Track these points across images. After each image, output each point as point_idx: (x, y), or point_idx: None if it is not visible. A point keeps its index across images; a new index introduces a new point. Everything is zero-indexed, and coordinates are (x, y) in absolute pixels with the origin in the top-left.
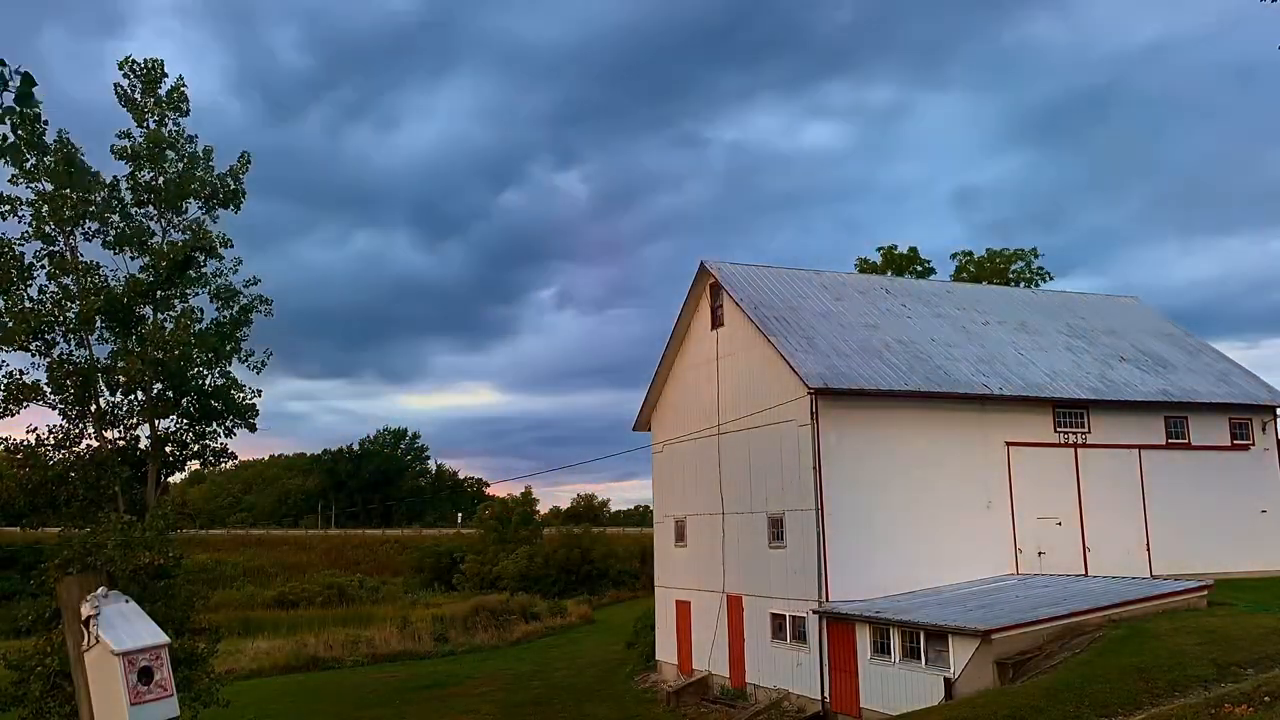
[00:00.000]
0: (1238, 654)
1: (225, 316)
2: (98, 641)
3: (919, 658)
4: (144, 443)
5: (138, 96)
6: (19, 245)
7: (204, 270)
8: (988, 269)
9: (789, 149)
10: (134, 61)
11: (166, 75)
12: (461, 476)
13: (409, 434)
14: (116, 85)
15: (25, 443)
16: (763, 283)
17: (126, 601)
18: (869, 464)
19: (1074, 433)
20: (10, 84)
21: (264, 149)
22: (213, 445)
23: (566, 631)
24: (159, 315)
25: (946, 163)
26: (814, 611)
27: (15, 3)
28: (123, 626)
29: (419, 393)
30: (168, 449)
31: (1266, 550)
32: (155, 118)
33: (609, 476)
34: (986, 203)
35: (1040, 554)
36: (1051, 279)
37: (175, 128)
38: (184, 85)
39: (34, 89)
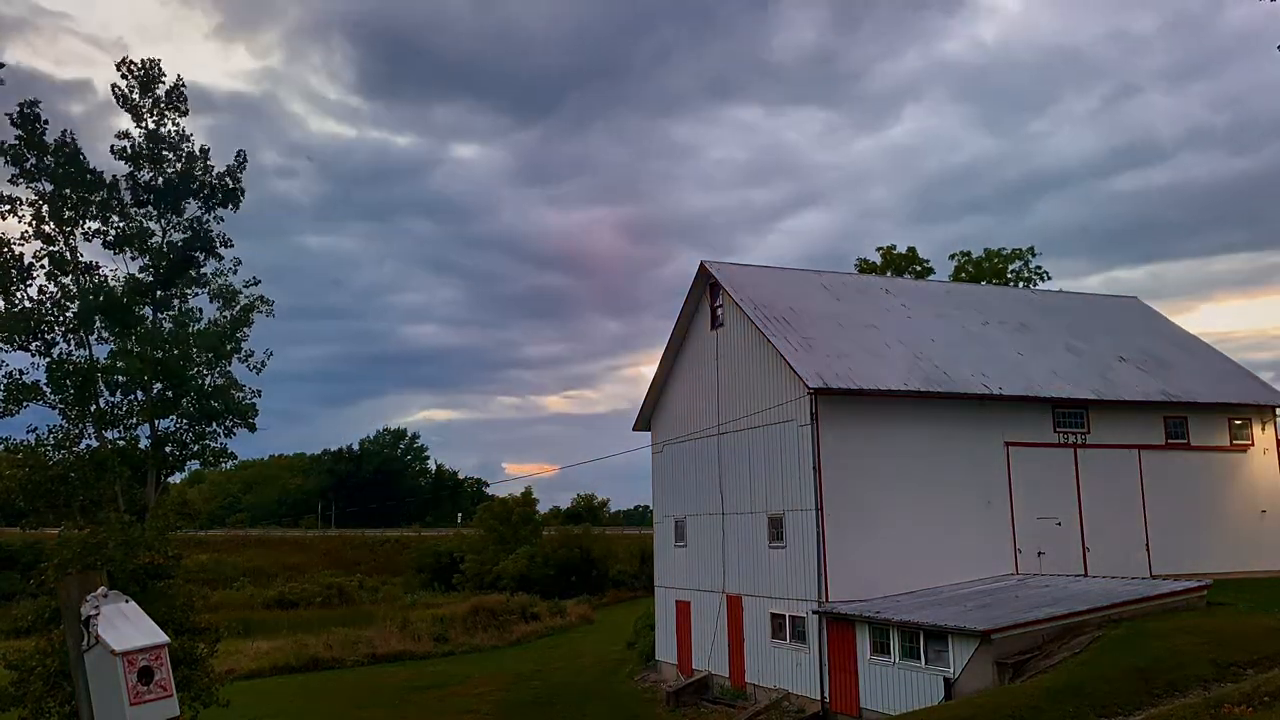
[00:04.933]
0: (1237, 654)
1: (225, 316)
2: (98, 641)
3: (919, 658)
4: (144, 443)
5: (135, 97)
6: (19, 245)
7: (204, 270)
8: (986, 269)
9: None
10: (131, 62)
11: (165, 75)
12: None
13: (409, 434)
14: (114, 86)
15: (25, 443)
16: (762, 283)
17: (126, 601)
18: (869, 464)
19: (1073, 433)
20: None
21: None
22: (213, 445)
23: (566, 632)
24: (159, 315)
25: None
26: (814, 611)
27: None
28: (123, 626)
29: None
30: (168, 449)
31: (1266, 550)
32: (154, 118)
33: None
34: None
35: (1040, 554)
36: (1050, 279)
37: (174, 127)
38: (183, 85)
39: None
